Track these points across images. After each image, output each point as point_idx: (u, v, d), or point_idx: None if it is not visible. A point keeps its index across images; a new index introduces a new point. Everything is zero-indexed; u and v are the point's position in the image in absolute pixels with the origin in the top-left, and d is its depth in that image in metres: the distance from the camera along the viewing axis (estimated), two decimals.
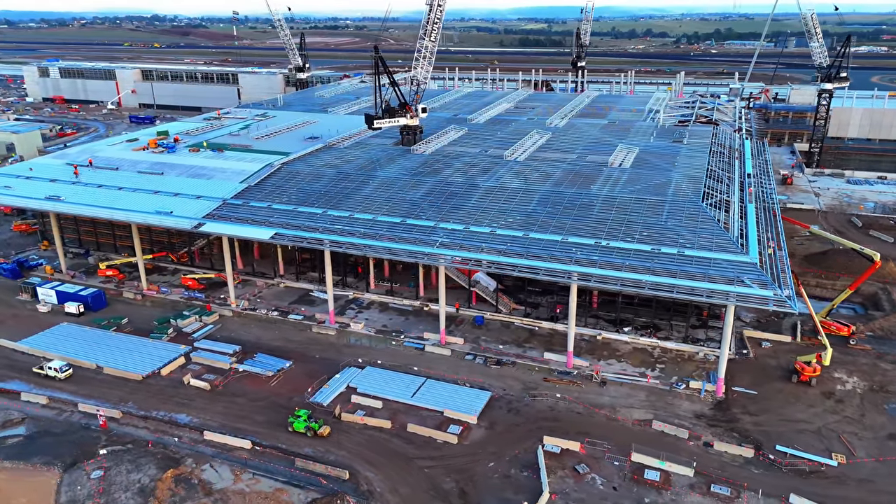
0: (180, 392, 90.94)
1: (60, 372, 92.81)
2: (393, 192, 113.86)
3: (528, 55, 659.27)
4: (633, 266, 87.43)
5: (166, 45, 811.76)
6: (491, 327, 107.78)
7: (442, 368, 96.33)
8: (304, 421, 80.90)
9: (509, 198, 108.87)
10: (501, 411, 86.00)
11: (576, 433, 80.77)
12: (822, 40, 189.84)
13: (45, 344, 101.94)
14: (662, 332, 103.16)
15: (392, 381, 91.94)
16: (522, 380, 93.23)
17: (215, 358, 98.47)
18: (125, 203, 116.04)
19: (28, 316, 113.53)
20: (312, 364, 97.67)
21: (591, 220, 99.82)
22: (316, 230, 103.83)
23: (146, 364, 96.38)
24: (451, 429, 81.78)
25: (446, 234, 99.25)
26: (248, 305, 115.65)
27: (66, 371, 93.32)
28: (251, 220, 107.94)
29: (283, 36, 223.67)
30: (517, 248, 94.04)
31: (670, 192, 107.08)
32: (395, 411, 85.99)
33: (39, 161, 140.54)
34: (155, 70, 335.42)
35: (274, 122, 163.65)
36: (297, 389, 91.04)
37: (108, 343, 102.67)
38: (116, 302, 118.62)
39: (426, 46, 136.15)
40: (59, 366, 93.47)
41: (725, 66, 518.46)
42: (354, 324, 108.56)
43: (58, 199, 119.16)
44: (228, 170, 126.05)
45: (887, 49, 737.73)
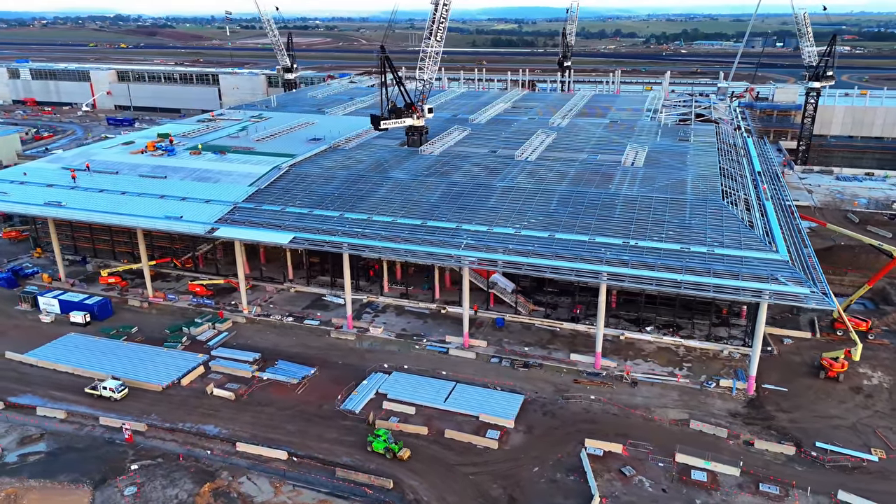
0: (204, 402, 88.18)
1: (117, 392, 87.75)
2: (408, 194, 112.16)
3: (502, 55, 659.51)
4: (665, 265, 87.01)
5: (133, 46, 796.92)
6: (512, 329, 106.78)
7: (468, 372, 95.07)
8: (383, 441, 76.72)
9: (528, 198, 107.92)
10: (537, 414, 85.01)
11: (615, 435, 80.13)
12: (813, 39, 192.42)
13: (54, 356, 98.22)
14: (684, 330, 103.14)
15: (421, 386, 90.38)
16: (552, 382, 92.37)
17: (235, 366, 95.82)
18: (130, 208, 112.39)
19: (30, 326, 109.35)
20: (336, 370, 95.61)
21: (615, 219, 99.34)
22: (335, 233, 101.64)
23: (164, 374, 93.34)
24: (490, 434, 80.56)
25: (469, 236, 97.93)
26: (260, 311, 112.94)
27: (123, 391, 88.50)
28: (266, 224, 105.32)
29: (272, 36, 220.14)
30: (545, 248, 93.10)
31: (689, 190, 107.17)
32: (428, 417, 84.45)
33: (33, 165, 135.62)
34: (131, 71, 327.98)
35: (271, 124, 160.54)
36: (326, 397, 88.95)
37: (120, 353, 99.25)
38: (121, 310, 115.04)
39: (432, 46, 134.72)
40: (114, 385, 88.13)
41: (699, 65, 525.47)
42: (373, 328, 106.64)
43: (59, 204, 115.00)
44: (235, 172, 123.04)
45: (850, 49, 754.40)
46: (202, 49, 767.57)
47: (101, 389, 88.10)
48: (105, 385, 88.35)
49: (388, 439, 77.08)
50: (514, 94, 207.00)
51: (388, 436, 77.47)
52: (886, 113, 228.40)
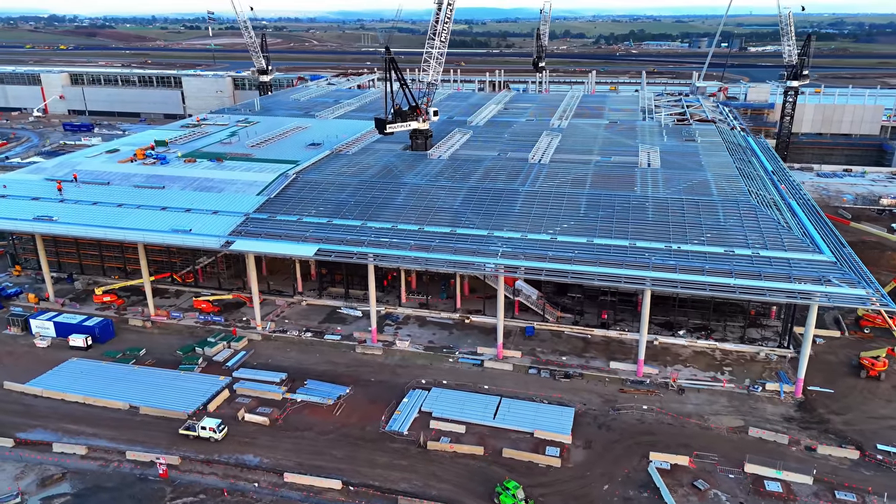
0: (237, 429, 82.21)
1: (217, 432, 79.35)
2: (429, 201, 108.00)
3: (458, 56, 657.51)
4: (713, 270, 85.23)
5: (73, 47, 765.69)
6: (542, 337, 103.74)
7: (509, 385, 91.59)
8: (512, 497, 68.22)
9: (555, 203, 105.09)
10: (591, 428, 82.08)
11: (677, 446, 77.85)
12: (795, 40, 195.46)
13: (60, 384, 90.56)
14: (716, 333, 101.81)
15: (466, 403, 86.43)
16: (598, 392, 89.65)
17: (263, 388, 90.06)
18: (131, 221, 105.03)
19: (26, 353, 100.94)
20: (371, 388, 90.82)
21: (650, 222, 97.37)
22: (361, 243, 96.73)
23: (187, 400, 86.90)
24: (549, 451, 77.23)
25: (503, 243, 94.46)
26: (275, 327, 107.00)
27: (223, 430, 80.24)
28: (285, 236, 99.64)
29: (248, 37, 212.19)
30: (585, 255, 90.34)
31: (715, 191, 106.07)
32: (481, 435, 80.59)
33: (12, 177, 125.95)
34: (85, 74, 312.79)
35: (262, 129, 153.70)
36: (367, 418, 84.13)
37: (133, 379, 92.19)
38: (122, 331, 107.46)
39: (436, 48, 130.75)
40: (215, 425, 79.56)
41: (654, 65, 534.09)
42: (399, 341, 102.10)
43: (50, 219, 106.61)
44: (238, 181, 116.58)
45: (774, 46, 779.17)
46: (148, 50, 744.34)
47: (200, 430, 79.25)
48: (203, 425, 79.53)
49: (519, 495, 68.62)
50: (503, 95, 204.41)
51: (519, 490, 69.18)
52: (854, 111, 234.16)
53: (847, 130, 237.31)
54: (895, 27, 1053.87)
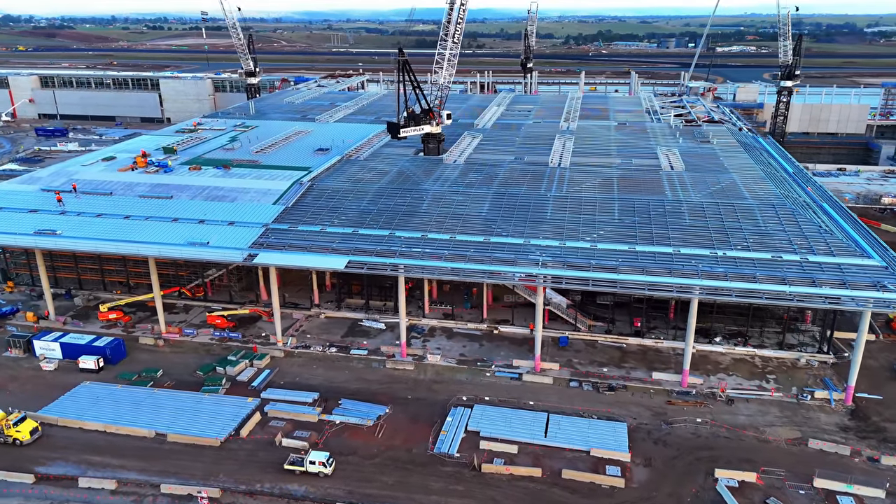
0: (276, 456, 77.20)
1: (328, 465, 73.47)
2: (455, 208, 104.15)
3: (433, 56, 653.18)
4: (765, 276, 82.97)
5: (33, 48, 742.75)
6: (576, 347, 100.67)
7: (552, 400, 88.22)
8: None
9: (587, 208, 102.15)
10: (647, 443, 79.11)
11: (739, 461, 75.37)
12: (791, 40, 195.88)
13: (76, 411, 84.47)
14: (752, 339, 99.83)
15: (513, 420, 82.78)
16: (645, 405, 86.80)
17: (296, 409, 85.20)
18: (142, 234, 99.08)
19: (32, 377, 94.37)
20: (410, 407, 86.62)
21: (690, 228, 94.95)
22: (392, 254, 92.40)
23: (217, 425, 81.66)
24: (610, 470, 73.99)
25: (542, 251, 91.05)
26: (297, 342, 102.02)
27: (333, 463, 74.29)
28: (311, 248, 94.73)
29: (236, 39, 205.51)
30: (630, 263, 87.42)
31: (747, 194, 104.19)
32: (535, 456, 77.02)
33: (4, 188, 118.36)
34: (56, 76, 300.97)
35: (263, 134, 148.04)
36: (411, 439, 79.95)
37: (154, 403, 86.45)
38: (133, 350, 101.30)
39: (448, 49, 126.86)
40: (324, 458, 73.53)
41: (628, 66, 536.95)
42: (430, 355, 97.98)
43: (53, 233, 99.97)
44: (251, 189, 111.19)
45: (756, 48, 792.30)
46: (112, 51, 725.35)
47: (308, 465, 73.19)
48: (311, 459, 73.37)
49: None
50: (503, 96, 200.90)
51: None
52: (840, 110, 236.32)
53: (834, 129, 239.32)
54: (851, 27, 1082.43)
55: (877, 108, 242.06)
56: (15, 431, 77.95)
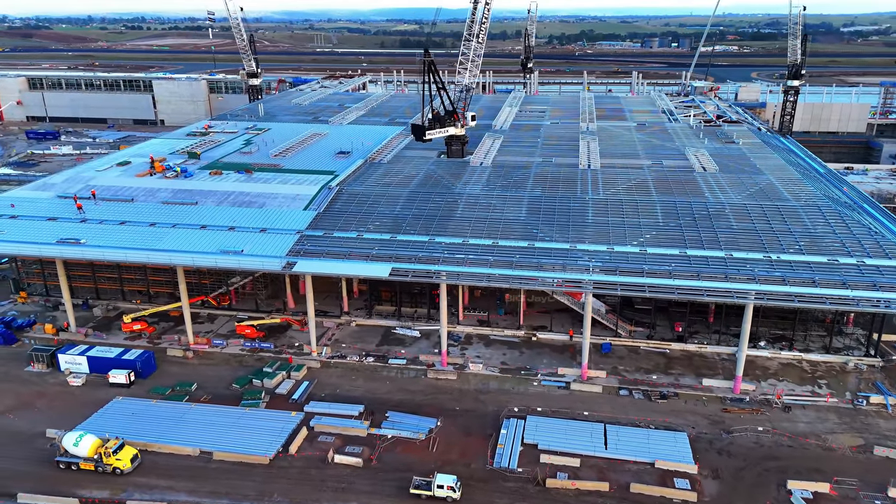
0: (329, 473, 74.15)
1: (456, 490, 68.91)
2: (491, 212, 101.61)
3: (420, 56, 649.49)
4: (825, 281, 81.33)
5: (10, 49, 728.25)
6: (619, 354, 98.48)
7: (605, 409, 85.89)
8: None
9: (629, 211, 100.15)
10: (711, 454, 77.03)
11: (807, 471, 73.57)
12: (800, 38, 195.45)
13: (112, 429, 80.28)
14: (797, 343, 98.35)
15: (570, 432, 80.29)
16: (700, 413, 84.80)
17: (343, 423, 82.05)
18: (171, 242, 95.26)
19: (59, 393, 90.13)
20: (460, 419, 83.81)
21: (737, 231, 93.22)
22: (435, 261, 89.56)
23: (263, 442, 78.28)
24: (679, 483, 71.79)
25: (590, 256, 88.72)
26: (332, 352, 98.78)
27: (461, 488, 69.75)
28: (350, 255, 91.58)
29: (239, 39, 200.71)
30: (684, 268, 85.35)
31: (788, 196, 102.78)
32: (599, 469, 74.61)
33: (19, 195, 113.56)
34: (45, 77, 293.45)
35: (277, 136, 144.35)
36: (468, 454, 77.18)
37: (194, 419, 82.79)
38: (160, 362, 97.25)
39: (473, 48, 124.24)
40: (452, 482, 68.89)
41: (617, 65, 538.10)
42: (472, 364, 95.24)
43: (77, 242, 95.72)
44: (278, 195, 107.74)
45: (738, 48, 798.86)
46: (92, 52, 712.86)
47: (436, 489, 68.76)
48: (439, 483, 68.72)
49: None
50: (514, 96, 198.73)
51: None
52: (842, 109, 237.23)
53: (835, 128, 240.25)
54: (828, 27, 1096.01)
55: (876, 107, 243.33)
56: (115, 460, 72.30)
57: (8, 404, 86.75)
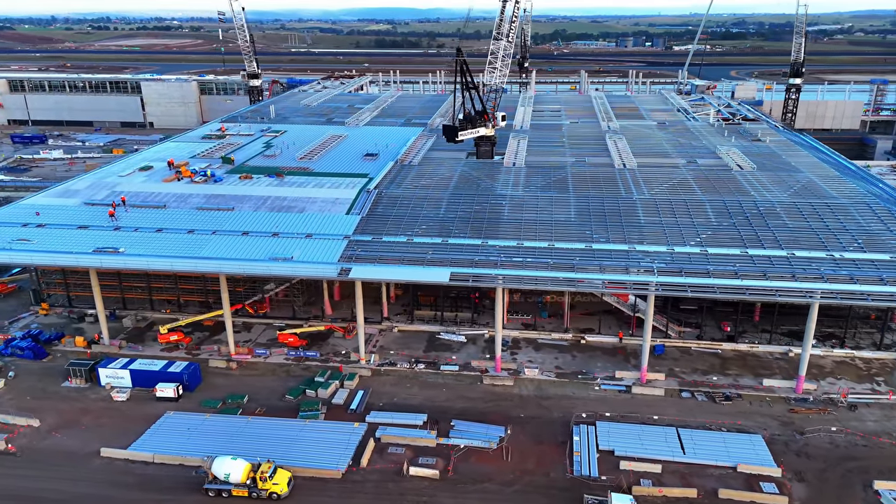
0: (406, 486, 71.70)
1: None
2: (539, 214, 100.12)
3: (399, 56, 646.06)
4: (891, 278, 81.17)
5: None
6: (672, 355, 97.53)
7: (671, 412, 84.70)
8: None
9: (679, 210, 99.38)
10: (789, 456, 76.22)
11: (888, 470, 73.26)
12: (804, 38, 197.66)
13: (171, 446, 77.05)
14: (845, 340, 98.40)
15: (643, 437, 78.88)
16: (768, 414, 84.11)
17: (410, 434, 79.58)
18: (214, 250, 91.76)
19: (104, 409, 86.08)
20: (527, 426, 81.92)
21: (793, 229, 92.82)
22: (493, 265, 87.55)
23: (332, 455, 75.54)
24: (767, 487, 70.84)
25: (652, 258, 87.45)
26: (380, 359, 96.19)
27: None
28: (404, 260, 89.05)
29: (242, 40, 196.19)
30: (749, 268, 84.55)
31: (834, 193, 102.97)
32: (680, 474, 73.31)
33: (44, 202, 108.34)
34: (27, 80, 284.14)
35: (296, 138, 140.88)
36: (544, 462, 75.35)
37: (253, 433, 79.58)
38: (204, 374, 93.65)
39: (502, 48, 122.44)
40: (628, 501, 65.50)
41: (597, 64, 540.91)
42: (528, 369, 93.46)
43: (116, 251, 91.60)
44: (318, 199, 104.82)
45: (710, 47, 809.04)
46: (61, 53, 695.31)
47: None
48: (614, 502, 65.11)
49: None
50: (525, 96, 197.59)
51: None
52: (836, 106, 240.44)
53: (829, 126, 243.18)
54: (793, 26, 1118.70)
55: (869, 104, 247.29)
56: (272, 484, 67.96)
57: (52, 423, 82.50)
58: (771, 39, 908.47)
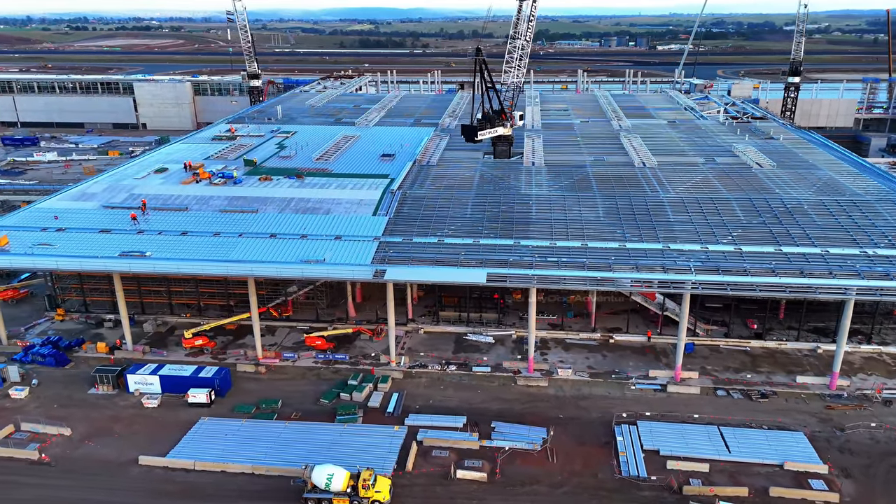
0: (455, 490, 70.87)
1: None
2: (568, 213, 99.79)
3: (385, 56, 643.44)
4: None
5: None
6: (702, 353, 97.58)
7: (707, 410, 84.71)
8: None
9: (707, 209, 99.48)
10: (833, 453, 76.32)
11: None
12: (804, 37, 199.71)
13: (210, 452, 75.47)
14: (872, 336, 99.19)
15: (686, 436, 78.73)
16: (805, 411, 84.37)
17: (452, 436, 78.75)
18: (243, 252, 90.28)
19: (135, 416, 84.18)
20: (568, 426, 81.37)
21: (825, 227, 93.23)
22: (529, 265, 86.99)
23: (377, 459, 74.16)
24: (815, 484, 70.96)
25: (687, 257, 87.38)
26: (410, 361, 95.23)
27: None
28: (437, 261, 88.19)
29: (244, 40, 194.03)
30: (785, 265, 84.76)
31: (858, 190, 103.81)
32: (728, 473, 73.19)
33: (59, 205, 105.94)
34: (16, 80, 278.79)
35: (309, 139, 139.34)
36: (590, 464, 74.84)
37: (291, 438, 78.31)
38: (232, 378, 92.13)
39: (520, 47, 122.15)
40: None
41: (586, 64, 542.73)
42: (561, 370, 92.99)
43: (142, 255, 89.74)
44: (342, 200, 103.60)
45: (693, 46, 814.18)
46: (41, 53, 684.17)
47: None
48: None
49: None
50: (530, 96, 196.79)
51: None
52: (830, 104, 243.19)
53: (823, 124, 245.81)
54: (771, 26, 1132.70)
55: (863, 102, 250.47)
56: (374, 492, 66.12)
57: (83, 431, 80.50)
58: (752, 39, 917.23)
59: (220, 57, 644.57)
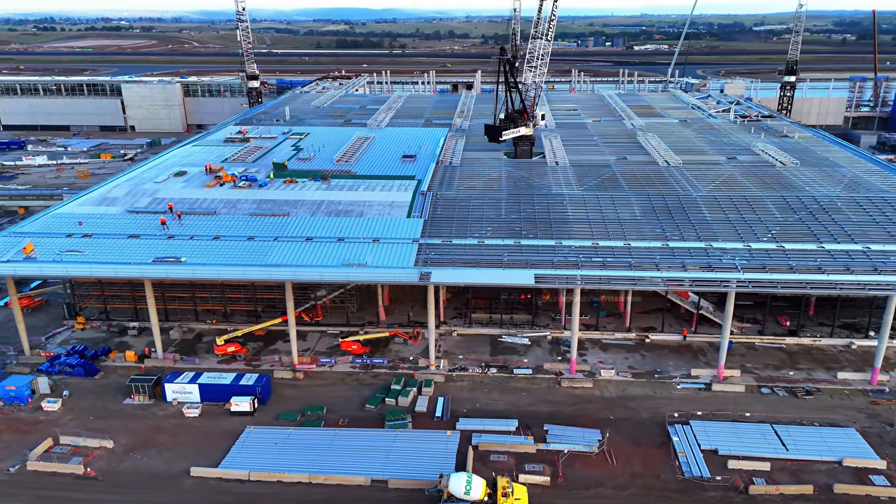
0: None
1: None
2: (604, 213, 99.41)
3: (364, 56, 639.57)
4: None
5: None
6: (738, 351, 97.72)
7: (757, 409, 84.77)
8: None
9: (742, 207, 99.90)
10: (886, 448, 76.89)
11: None
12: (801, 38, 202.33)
13: (263, 462, 73.51)
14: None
15: (741, 434, 78.63)
16: (852, 407, 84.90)
17: (506, 440, 77.76)
18: (280, 257, 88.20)
19: (177, 426, 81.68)
20: (621, 428, 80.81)
21: (862, 224, 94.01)
22: (574, 265, 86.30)
23: (434, 464, 72.87)
24: (877, 480, 71.28)
25: (732, 256, 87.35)
26: (449, 365, 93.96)
27: None
28: (480, 263, 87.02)
29: (245, 41, 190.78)
30: (830, 263, 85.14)
31: (886, 187, 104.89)
32: (789, 471, 73.19)
33: (81, 210, 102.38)
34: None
35: (323, 141, 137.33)
36: (650, 465, 74.37)
37: (343, 446, 76.59)
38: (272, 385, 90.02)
39: (541, 47, 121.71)
40: None
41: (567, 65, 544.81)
42: (604, 370, 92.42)
43: (177, 260, 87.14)
44: (374, 202, 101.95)
45: (668, 46, 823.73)
46: (9, 55, 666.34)
47: None
48: None
49: None
50: None
51: None
52: (821, 103, 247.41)
53: (814, 122, 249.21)
54: (740, 27, 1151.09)
55: (851, 101, 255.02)
56: (514, 500, 64.58)
57: (126, 443, 77.84)
58: (724, 39, 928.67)
59: (196, 58, 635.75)
